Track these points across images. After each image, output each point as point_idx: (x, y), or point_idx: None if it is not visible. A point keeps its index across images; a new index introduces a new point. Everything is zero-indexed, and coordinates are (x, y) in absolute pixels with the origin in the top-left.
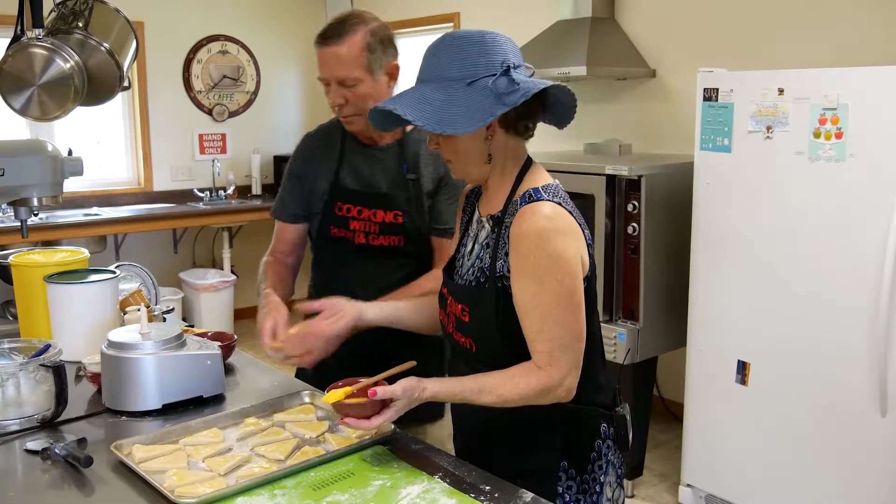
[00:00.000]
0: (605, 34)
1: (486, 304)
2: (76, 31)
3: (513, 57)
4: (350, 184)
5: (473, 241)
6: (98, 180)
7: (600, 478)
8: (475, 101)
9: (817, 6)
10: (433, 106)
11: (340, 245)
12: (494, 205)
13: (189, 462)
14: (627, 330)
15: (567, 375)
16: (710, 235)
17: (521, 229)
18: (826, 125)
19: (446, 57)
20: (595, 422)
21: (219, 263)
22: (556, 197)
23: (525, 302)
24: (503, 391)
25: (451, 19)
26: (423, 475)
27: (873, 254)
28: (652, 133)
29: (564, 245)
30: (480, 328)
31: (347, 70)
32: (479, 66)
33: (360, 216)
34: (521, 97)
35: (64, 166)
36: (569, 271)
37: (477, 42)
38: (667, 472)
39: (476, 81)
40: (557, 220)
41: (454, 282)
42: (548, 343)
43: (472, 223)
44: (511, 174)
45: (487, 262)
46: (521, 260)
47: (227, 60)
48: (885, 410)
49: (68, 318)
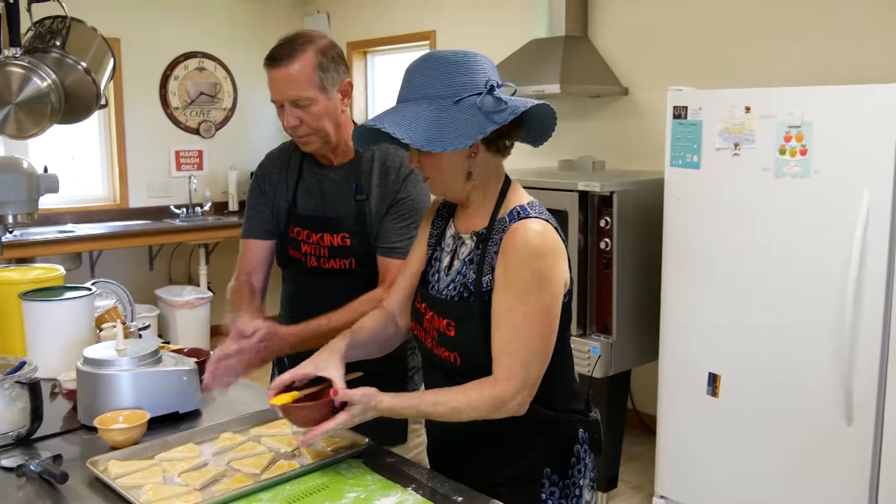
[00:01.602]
0: (578, 53)
1: (472, 319)
2: (53, 49)
3: (494, 77)
4: (301, 207)
5: (452, 257)
6: (73, 197)
7: (580, 481)
8: (464, 119)
9: (783, 27)
10: (423, 124)
11: (297, 266)
12: (476, 222)
13: (165, 477)
14: (601, 344)
15: (520, 391)
16: (680, 250)
17: (513, 244)
18: (791, 142)
19: (431, 76)
20: (573, 427)
21: (195, 280)
22: (542, 214)
23: (500, 313)
24: (456, 403)
25: (428, 37)
26: (397, 487)
27: (838, 267)
28: (624, 150)
29: (552, 265)
30: (467, 342)
31: (300, 90)
32: (465, 85)
33: (310, 240)
34: (510, 115)
35: (39, 183)
36: (550, 291)
37: (460, 62)
38: (641, 484)
39: (462, 100)
40: (547, 237)
41: (434, 297)
42: (511, 357)
43: (446, 238)
44: (493, 192)
45: (472, 277)
46: (507, 272)
47: (204, 77)
48: (851, 420)
49: (44, 335)
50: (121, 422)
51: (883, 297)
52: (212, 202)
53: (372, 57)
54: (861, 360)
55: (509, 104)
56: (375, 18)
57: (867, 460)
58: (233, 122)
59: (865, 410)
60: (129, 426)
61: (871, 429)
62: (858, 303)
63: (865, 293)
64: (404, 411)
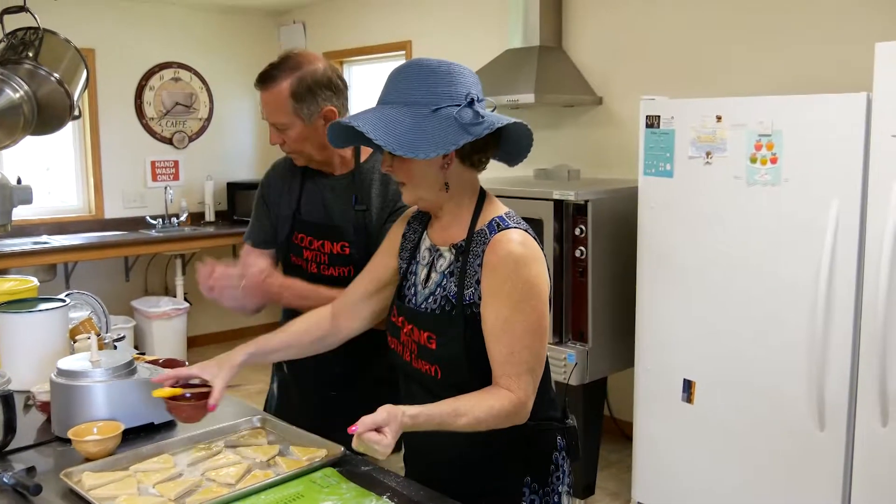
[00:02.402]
0: (552, 63)
1: (454, 332)
2: (26, 61)
3: (475, 90)
4: (306, 214)
5: (429, 269)
6: (48, 208)
7: (558, 488)
8: (440, 128)
9: (755, 38)
10: (399, 129)
11: (299, 273)
12: (454, 234)
13: (139, 488)
14: (577, 351)
15: (529, 398)
16: (654, 258)
17: (497, 256)
18: (762, 151)
19: (413, 82)
20: (552, 435)
21: (171, 291)
22: (520, 224)
23: (497, 326)
24: (478, 413)
25: (404, 47)
26: (371, 495)
27: (809, 274)
28: (599, 158)
29: (538, 272)
30: (449, 355)
31: (276, 116)
32: (445, 95)
33: (311, 246)
34: (486, 129)
35: (13, 195)
36: (541, 298)
37: (444, 72)
38: (618, 491)
39: (440, 109)
40: (529, 246)
41: (413, 310)
42: (517, 367)
43: (421, 250)
44: (469, 205)
45: (453, 290)
46: (497, 285)
47: (180, 87)
48: (823, 425)
49: (17, 348)
50: (95, 433)
51: (853, 303)
52: (188, 212)
53: (348, 66)
54: (833, 366)
55: (487, 119)
56: (351, 28)
57: (840, 465)
58: (209, 132)
59: (837, 416)
60: (103, 437)
61: (843, 434)
62: (829, 309)
63: (836, 299)
64: (427, 421)
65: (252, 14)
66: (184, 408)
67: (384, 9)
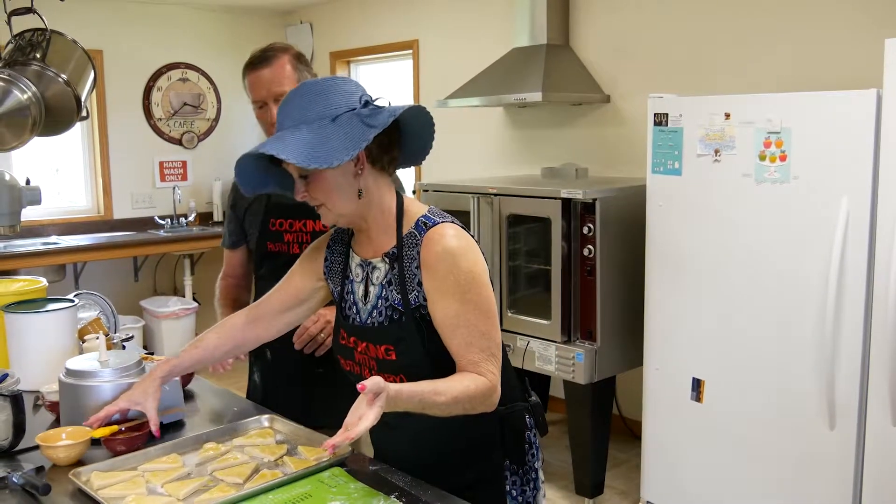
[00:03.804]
0: (560, 61)
1: (410, 337)
2: (33, 62)
3: (366, 94)
4: (280, 199)
5: (365, 284)
6: (57, 209)
7: (535, 465)
8: (344, 131)
9: (762, 34)
10: (304, 144)
11: (277, 259)
12: (382, 243)
13: (148, 488)
14: (585, 350)
15: (498, 382)
16: (663, 256)
17: (434, 253)
18: (771, 148)
19: (305, 101)
20: (521, 415)
21: (180, 291)
22: (445, 218)
23: (450, 321)
24: (456, 393)
25: (411, 46)
26: (379, 495)
27: (818, 272)
28: (607, 157)
29: (475, 259)
30: (409, 361)
31: (283, 85)
32: (339, 104)
33: (292, 228)
34: (389, 116)
35: (22, 195)
36: (485, 284)
37: (332, 84)
38: (627, 490)
39: (339, 116)
40: (462, 237)
41: (361, 327)
42: (478, 354)
43: (352, 268)
44: (390, 210)
45: (397, 298)
46: (439, 282)
47: (188, 88)
48: (834, 424)
49: (26, 348)
50: (63, 439)
51: (863, 301)
52: (196, 212)
53: (355, 66)
54: (843, 364)
55: (384, 109)
56: (358, 28)
57: (850, 464)
58: (217, 133)
59: (848, 414)
60: (72, 443)
61: (854, 432)
62: (839, 306)
63: (846, 297)
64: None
65: (259, 14)
66: (119, 441)
67: (391, 8)
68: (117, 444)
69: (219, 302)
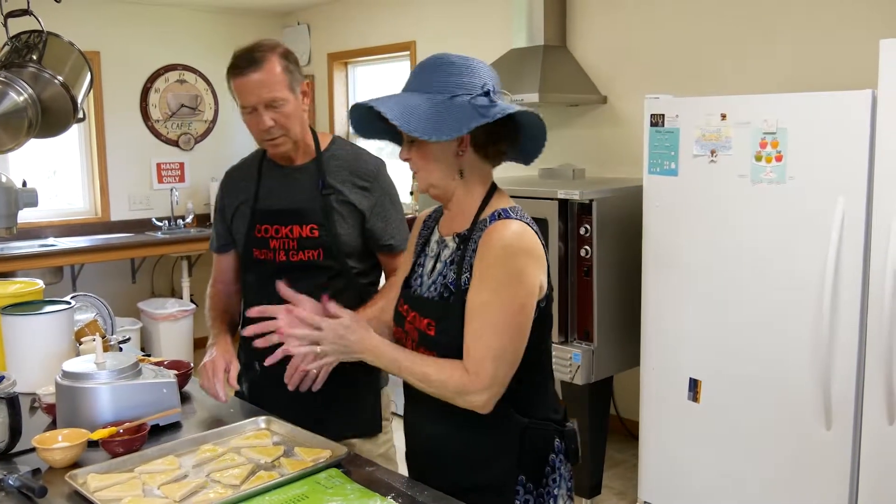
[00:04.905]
0: (557, 62)
1: (452, 318)
2: (30, 64)
3: (492, 83)
4: (266, 205)
5: (435, 260)
6: (54, 210)
7: (554, 491)
8: (456, 112)
9: (758, 36)
10: (417, 113)
11: (263, 267)
12: (460, 223)
13: (144, 490)
14: (582, 350)
15: (488, 388)
16: (660, 257)
17: (489, 241)
18: (767, 149)
19: (433, 74)
20: (549, 436)
21: (178, 292)
22: (523, 218)
23: (474, 308)
24: (429, 370)
25: (408, 47)
26: (375, 496)
27: (814, 272)
28: (604, 157)
29: (526, 265)
30: (446, 341)
31: (274, 91)
32: (462, 85)
33: (278, 235)
34: (499, 113)
35: (18, 197)
36: (525, 290)
37: (462, 64)
38: (625, 490)
39: (457, 97)
40: (524, 239)
41: (416, 297)
42: (482, 351)
43: (431, 244)
44: (479, 195)
45: (452, 277)
46: (483, 268)
47: (185, 89)
48: (830, 423)
49: (23, 350)
50: (60, 441)
51: (859, 302)
52: (194, 214)
53: (353, 68)
54: (839, 364)
55: (500, 104)
56: (356, 30)
57: (846, 463)
58: (214, 134)
59: (844, 414)
60: (68, 445)
61: (850, 432)
62: (835, 307)
63: (842, 297)
64: (383, 355)
65: (256, 16)
66: (118, 443)
67: (388, 10)
68: (116, 446)
69: (208, 313)
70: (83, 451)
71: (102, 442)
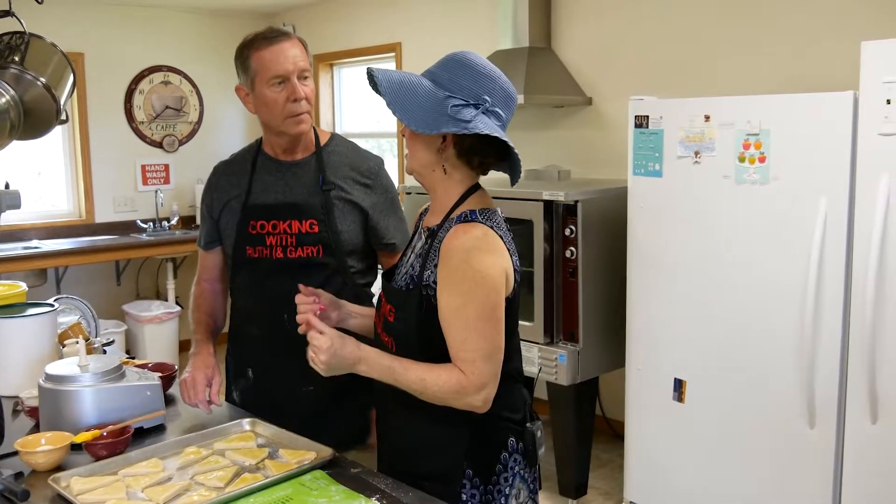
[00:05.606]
0: (542, 63)
1: (410, 308)
2: (12, 65)
3: (494, 101)
4: (262, 200)
5: (412, 251)
6: (38, 213)
7: (505, 490)
8: (438, 111)
9: (742, 37)
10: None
11: (258, 265)
12: (434, 219)
13: (128, 492)
14: (568, 351)
15: (486, 385)
16: (644, 258)
17: (451, 245)
18: (750, 150)
19: (448, 67)
20: (503, 435)
21: (163, 295)
22: (489, 221)
23: (450, 315)
24: (427, 377)
25: (394, 49)
26: (360, 497)
27: (798, 272)
28: (589, 159)
29: (491, 263)
30: (403, 330)
31: (306, 61)
32: (463, 88)
33: (276, 230)
34: (473, 128)
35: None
36: (493, 288)
37: (478, 70)
38: (611, 491)
39: (451, 98)
40: (485, 240)
41: (390, 285)
42: (471, 353)
43: (415, 236)
44: (455, 193)
45: (417, 270)
46: (448, 275)
47: (170, 91)
48: (814, 423)
49: (5, 352)
50: (43, 444)
51: (842, 302)
52: (179, 216)
53: (338, 69)
54: (822, 364)
55: (474, 122)
56: (341, 31)
57: (830, 462)
58: (199, 136)
59: (827, 413)
60: (52, 448)
61: (833, 431)
62: (818, 307)
63: (825, 298)
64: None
65: (241, 17)
66: (101, 445)
67: (373, 11)
68: (99, 449)
69: (192, 315)
70: (66, 454)
71: (86, 445)
